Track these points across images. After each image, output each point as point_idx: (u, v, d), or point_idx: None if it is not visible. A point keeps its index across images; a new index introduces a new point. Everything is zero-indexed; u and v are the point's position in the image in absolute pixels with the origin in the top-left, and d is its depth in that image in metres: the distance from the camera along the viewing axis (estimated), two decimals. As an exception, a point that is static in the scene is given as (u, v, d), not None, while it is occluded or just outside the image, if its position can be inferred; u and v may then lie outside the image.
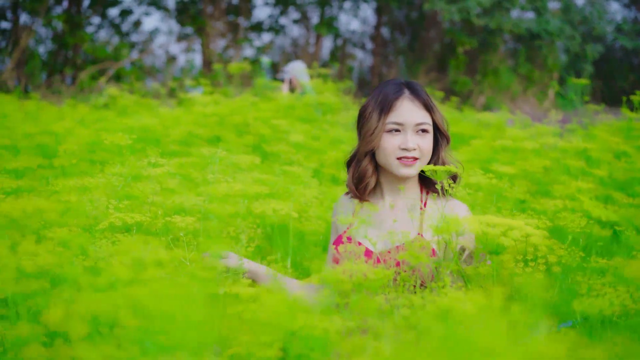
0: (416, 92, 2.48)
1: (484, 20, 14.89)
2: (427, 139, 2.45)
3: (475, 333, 0.96)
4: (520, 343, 1.01)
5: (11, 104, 6.90)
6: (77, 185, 2.66)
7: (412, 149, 2.42)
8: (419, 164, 2.44)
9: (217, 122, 5.62)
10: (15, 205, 1.44)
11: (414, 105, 2.45)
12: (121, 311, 1.08)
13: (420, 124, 2.44)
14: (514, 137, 4.33)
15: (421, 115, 2.44)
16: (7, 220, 1.46)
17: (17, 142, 4.57)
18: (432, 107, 2.47)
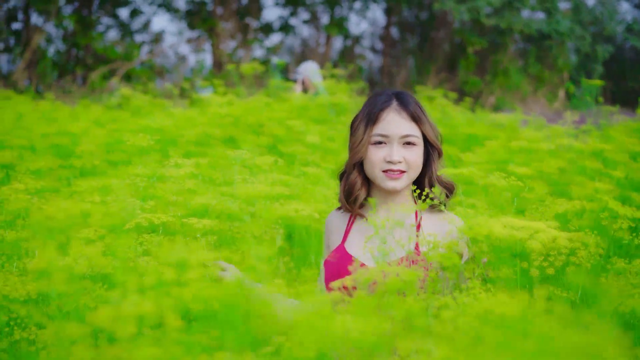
0: (404, 103, 2.40)
1: (494, 20, 14.88)
2: (415, 151, 2.37)
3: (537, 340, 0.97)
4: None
5: (25, 104, 6.94)
6: (99, 186, 2.69)
7: (397, 162, 2.35)
8: (406, 177, 2.37)
9: (231, 122, 5.64)
10: (58, 208, 1.46)
11: (400, 116, 2.38)
12: (166, 312, 1.10)
13: (406, 136, 2.36)
14: (529, 138, 4.33)
15: (407, 127, 2.37)
16: (52, 222, 1.48)
17: (34, 142, 4.61)
18: (420, 119, 2.39)
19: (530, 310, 1.11)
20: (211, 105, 6.10)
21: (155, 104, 7.26)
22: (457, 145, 5.03)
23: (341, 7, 16.91)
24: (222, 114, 5.77)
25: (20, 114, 5.70)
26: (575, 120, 4.59)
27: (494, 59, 16.72)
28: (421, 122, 2.38)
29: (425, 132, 2.38)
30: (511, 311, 1.10)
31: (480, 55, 16.91)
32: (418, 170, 2.39)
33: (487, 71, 16.85)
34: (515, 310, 1.10)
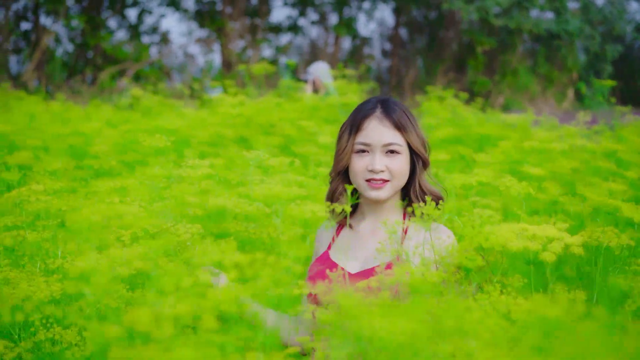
0: (387, 111, 2.34)
1: (503, 20, 14.87)
2: (398, 160, 2.31)
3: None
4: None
5: (37, 105, 6.98)
6: (117, 187, 2.71)
7: (379, 171, 2.30)
8: (390, 186, 2.32)
9: (242, 123, 5.65)
10: (94, 210, 1.47)
11: (382, 125, 2.32)
12: (203, 313, 1.11)
13: (388, 144, 2.31)
14: (542, 139, 4.34)
15: (390, 135, 2.31)
16: (88, 224, 1.49)
17: (47, 143, 4.63)
18: (404, 127, 2.32)
19: (570, 313, 1.12)
20: (222, 106, 6.11)
21: (166, 104, 7.28)
22: (469, 145, 5.03)
23: (350, 7, 16.92)
24: (233, 115, 5.78)
25: (32, 115, 5.74)
26: (587, 120, 4.59)
27: (502, 59, 16.70)
28: (405, 130, 2.32)
29: (410, 140, 2.32)
30: (553, 313, 1.11)
31: (488, 55, 16.89)
32: (403, 179, 2.34)
33: (495, 71, 16.84)
34: (557, 312, 1.11)
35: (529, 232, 1.85)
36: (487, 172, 3.51)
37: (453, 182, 3.28)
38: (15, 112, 6.04)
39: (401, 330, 1.08)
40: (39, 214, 2.40)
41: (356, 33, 17.15)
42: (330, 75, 7.86)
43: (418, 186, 2.36)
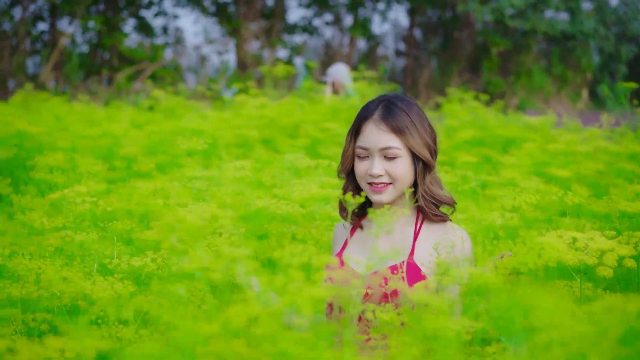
0: (386, 114, 2.30)
1: (518, 22, 14.87)
2: (398, 163, 2.27)
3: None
4: None
5: (60, 106, 7.07)
6: (156, 188, 2.77)
7: (378, 175, 2.28)
8: (392, 189, 2.29)
9: (265, 124, 5.70)
10: (188, 211, 1.53)
11: (378, 128, 2.28)
12: (301, 309, 1.17)
13: (385, 148, 2.27)
14: (566, 141, 4.37)
15: (387, 139, 2.27)
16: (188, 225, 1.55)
17: (76, 144, 4.70)
18: (402, 130, 2.27)
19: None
20: (245, 107, 6.17)
21: (187, 106, 7.35)
22: (492, 147, 5.07)
23: (365, 8, 16.96)
24: (256, 116, 5.84)
25: (58, 116, 5.81)
26: (611, 122, 4.62)
27: (517, 59, 16.71)
28: (403, 134, 2.27)
29: (410, 144, 2.27)
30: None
31: (503, 56, 16.90)
32: (405, 181, 2.30)
33: (510, 72, 16.84)
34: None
35: (579, 241, 1.87)
36: (515, 174, 3.57)
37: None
38: (40, 114, 6.11)
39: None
40: (85, 215, 2.47)
41: (371, 34, 17.19)
42: (349, 77, 7.91)
43: (424, 188, 2.31)
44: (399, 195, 2.32)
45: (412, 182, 2.33)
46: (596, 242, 1.88)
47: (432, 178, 2.34)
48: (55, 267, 1.94)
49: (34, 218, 2.37)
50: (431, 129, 2.36)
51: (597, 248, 1.87)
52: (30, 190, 3.58)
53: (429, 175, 2.33)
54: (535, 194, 2.54)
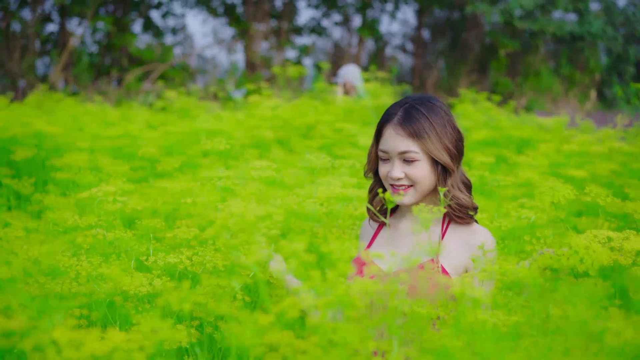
0: (404, 118, 2.32)
1: (527, 23, 14.89)
2: (418, 167, 2.30)
3: None
4: None
5: (75, 107, 7.13)
6: (185, 188, 2.82)
7: (397, 178, 2.32)
8: (413, 191, 2.33)
9: (279, 125, 5.75)
10: (247, 209, 1.57)
11: (396, 133, 2.32)
12: (353, 300, 1.23)
13: (403, 152, 2.31)
14: (581, 141, 4.40)
15: (405, 144, 2.30)
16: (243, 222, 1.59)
17: (94, 144, 4.75)
18: (420, 135, 2.29)
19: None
20: (258, 108, 6.22)
21: (201, 107, 7.40)
22: (505, 147, 5.11)
23: (373, 8, 17.00)
24: (269, 117, 5.89)
25: (74, 116, 5.87)
26: (625, 123, 4.65)
27: (525, 60, 16.72)
28: (421, 138, 2.29)
29: (427, 148, 2.30)
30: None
31: (511, 57, 16.92)
32: (425, 184, 2.33)
33: (518, 72, 16.86)
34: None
35: (614, 241, 1.89)
36: (532, 174, 3.60)
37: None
38: (55, 114, 6.16)
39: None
40: (115, 213, 2.52)
41: (379, 35, 17.22)
42: (360, 78, 7.95)
43: (447, 193, 2.32)
44: (422, 197, 2.36)
45: (434, 185, 2.35)
46: (631, 242, 1.90)
47: (454, 181, 2.35)
48: (93, 264, 1.98)
49: (66, 216, 2.41)
50: (455, 132, 2.37)
51: (631, 248, 1.89)
52: (53, 190, 3.63)
53: (450, 178, 2.34)
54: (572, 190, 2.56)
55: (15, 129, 4.94)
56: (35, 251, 1.92)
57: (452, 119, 2.39)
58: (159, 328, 1.23)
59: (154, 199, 2.81)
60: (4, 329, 0.94)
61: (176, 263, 1.97)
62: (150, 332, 1.22)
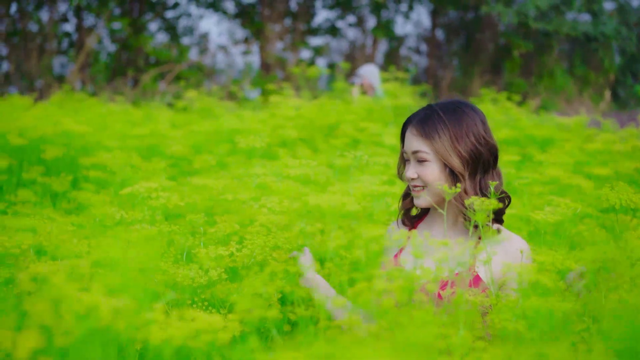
0: (420, 119, 2.36)
1: (541, 24, 14.90)
2: (428, 167, 2.32)
3: None
4: None
5: (98, 107, 7.24)
6: (222, 185, 2.89)
7: (411, 179, 2.35)
8: (426, 192, 2.34)
9: (302, 125, 5.82)
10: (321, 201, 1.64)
11: (411, 133, 2.36)
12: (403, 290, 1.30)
13: (415, 152, 2.34)
14: (603, 140, 4.46)
15: (416, 144, 2.34)
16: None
17: (123, 143, 4.84)
18: (431, 136, 2.30)
19: None
20: (280, 108, 6.29)
21: (222, 106, 7.48)
22: (527, 147, 5.16)
23: (388, 9, 17.05)
24: (292, 116, 5.96)
25: (101, 115, 5.97)
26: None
27: (539, 61, 16.73)
28: (431, 138, 2.31)
29: (436, 149, 2.30)
30: None
31: (525, 57, 16.93)
32: (437, 186, 2.31)
33: (532, 73, 16.87)
34: None
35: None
36: (558, 172, 3.66)
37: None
38: (81, 114, 6.26)
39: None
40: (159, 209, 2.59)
41: (394, 35, 17.27)
42: (379, 78, 8.02)
43: (457, 197, 2.28)
44: (438, 200, 2.34)
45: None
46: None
47: (468, 187, 2.30)
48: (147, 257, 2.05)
49: (111, 212, 2.49)
50: (476, 139, 2.32)
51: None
52: (88, 187, 3.71)
53: (461, 184, 2.28)
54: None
55: (44, 128, 5.03)
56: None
57: (478, 126, 2.34)
58: (254, 307, 1.30)
59: (192, 196, 2.89)
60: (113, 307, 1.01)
61: (225, 255, 2.04)
62: (246, 311, 1.29)
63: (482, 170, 2.34)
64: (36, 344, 0.91)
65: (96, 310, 0.98)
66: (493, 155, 2.36)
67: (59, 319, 0.96)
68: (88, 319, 0.97)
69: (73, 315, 0.96)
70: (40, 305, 0.95)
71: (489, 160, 2.35)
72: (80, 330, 0.96)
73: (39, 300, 0.95)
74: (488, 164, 2.35)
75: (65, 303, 0.97)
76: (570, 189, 3.50)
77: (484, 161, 2.33)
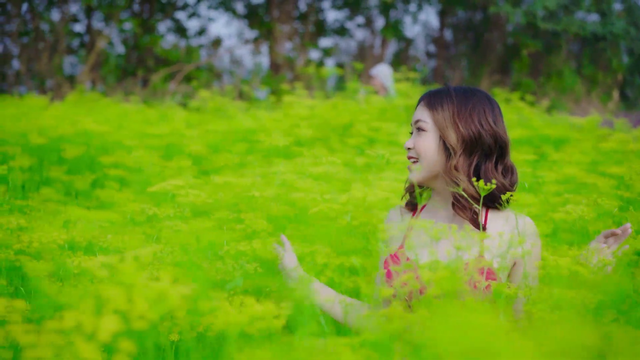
0: (430, 93, 2.31)
1: (550, 24, 14.92)
2: (423, 137, 2.26)
3: None
4: None
5: (113, 106, 7.32)
6: (248, 183, 2.96)
7: (408, 148, 2.30)
8: (419, 165, 2.27)
9: (317, 124, 5.87)
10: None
11: (420, 105, 2.32)
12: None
13: (417, 121, 2.29)
14: (618, 139, 4.50)
15: (419, 113, 2.30)
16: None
17: (143, 142, 4.91)
18: (434, 106, 2.26)
19: None
20: (294, 107, 6.35)
21: (236, 106, 7.55)
22: (540, 146, 5.21)
23: (396, 9, 17.10)
24: (305, 116, 6.02)
25: (120, 115, 6.05)
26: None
27: (547, 60, 16.75)
28: (434, 109, 2.25)
29: (436, 119, 2.25)
30: None
31: (533, 57, 16.95)
32: (430, 158, 2.26)
33: (540, 73, 16.89)
34: None
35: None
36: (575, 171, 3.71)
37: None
38: (97, 113, 6.33)
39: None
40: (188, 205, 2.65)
41: (402, 36, 17.31)
42: (391, 78, 8.07)
43: (447, 173, 2.23)
44: (430, 175, 2.27)
45: (443, 165, 2.26)
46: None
47: (460, 165, 2.23)
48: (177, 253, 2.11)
49: (143, 209, 2.55)
50: (481, 124, 2.25)
51: None
52: (112, 185, 3.78)
53: (454, 160, 2.23)
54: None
55: (63, 128, 5.10)
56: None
57: (486, 113, 2.28)
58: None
59: (217, 193, 2.95)
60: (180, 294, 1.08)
61: (246, 251, 2.09)
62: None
63: (482, 154, 2.26)
64: (116, 327, 0.97)
65: (166, 296, 1.04)
66: (498, 144, 2.27)
67: (132, 305, 1.02)
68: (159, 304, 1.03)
69: (145, 301, 1.02)
70: (115, 292, 1.02)
71: (491, 148, 2.26)
72: (154, 314, 1.02)
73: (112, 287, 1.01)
74: (490, 150, 2.26)
75: (136, 290, 1.03)
76: (586, 188, 3.55)
77: (485, 146, 2.25)
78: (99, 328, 0.97)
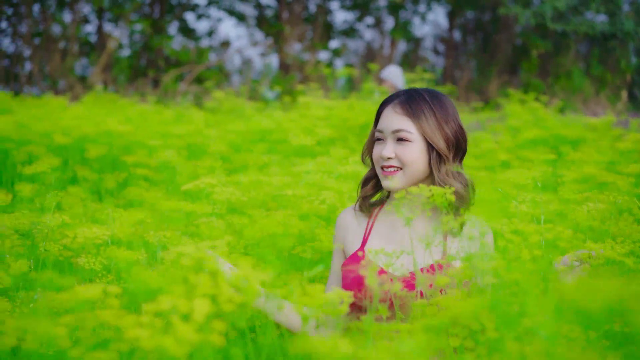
0: (405, 99, 2.28)
1: (559, 25, 14.97)
2: (409, 147, 2.23)
3: None
4: None
5: (130, 106, 7.40)
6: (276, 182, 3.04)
7: (387, 158, 2.24)
8: (402, 175, 2.25)
9: (333, 124, 5.94)
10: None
11: (394, 112, 2.26)
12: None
13: (397, 131, 2.24)
14: (634, 139, 4.57)
15: (399, 122, 2.24)
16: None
17: (165, 142, 4.99)
18: (417, 115, 2.23)
19: None
20: (311, 108, 6.42)
21: (250, 107, 7.63)
22: (556, 146, 5.27)
23: (406, 10, 17.17)
24: (322, 116, 6.09)
25: (140, 114, 6.13)
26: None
27: (556, 61, 16.80)
28: (417, 118, 2.23)
29: (423, 129, 2.23)
30: None
31: (542, 58, 17.00)
32: (415, 168, 2.25)
33: (549, 73, 16.93)
34: None
35: None
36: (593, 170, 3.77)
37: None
38: (117, 114, 6.41)
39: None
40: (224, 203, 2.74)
41: (412, 36, 17.38)
42: (402, 79, 8.14)
43: (440, 177, 2.23)
44: (411, 183, 2.27)
45: (426, 173, 2.28)
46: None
47: (450, 170, 2.26)
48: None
49: (181, 206, 2.63)
50: (457, 125, 2.30)
51: None
52: (142, 184, 3.86)
53: (445, 166, 2.25)
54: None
55: (86, 128, 5.18)
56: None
57: (456, 113, 2.33)
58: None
59: (249, 192, 3.03)
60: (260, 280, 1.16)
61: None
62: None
63: (459, 157, 2.32)
64: (209, 309, 1.05)
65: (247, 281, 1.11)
66: (465, 144, 2.34)
67: (219, 290, 1.10)
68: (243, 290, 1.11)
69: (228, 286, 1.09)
70: (203, 278, 1.09)
71: (464, 149, 2.33)
72: (239, 298, 1.10)
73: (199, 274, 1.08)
74: (464, 152, 2.33)
75: (219, 276, 1.11)
76: (605, 187, 3.61)
77: (463, 147, 2.32)
78: (194, 310, 1.04)
